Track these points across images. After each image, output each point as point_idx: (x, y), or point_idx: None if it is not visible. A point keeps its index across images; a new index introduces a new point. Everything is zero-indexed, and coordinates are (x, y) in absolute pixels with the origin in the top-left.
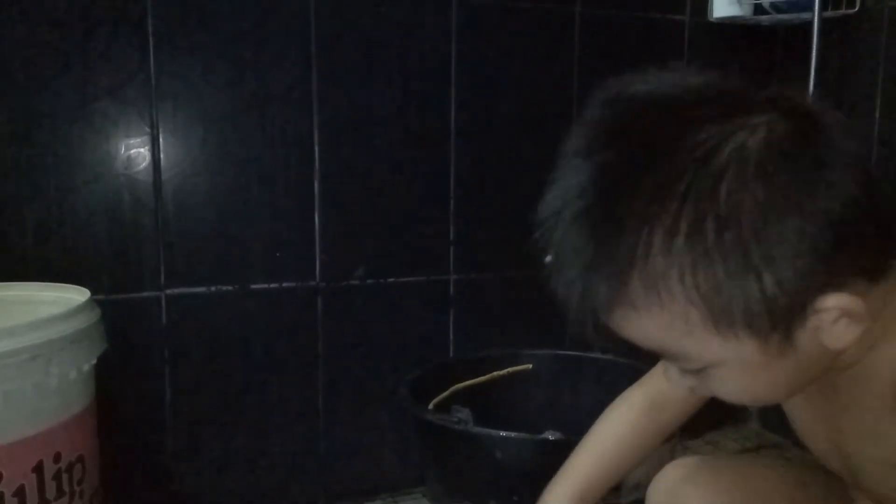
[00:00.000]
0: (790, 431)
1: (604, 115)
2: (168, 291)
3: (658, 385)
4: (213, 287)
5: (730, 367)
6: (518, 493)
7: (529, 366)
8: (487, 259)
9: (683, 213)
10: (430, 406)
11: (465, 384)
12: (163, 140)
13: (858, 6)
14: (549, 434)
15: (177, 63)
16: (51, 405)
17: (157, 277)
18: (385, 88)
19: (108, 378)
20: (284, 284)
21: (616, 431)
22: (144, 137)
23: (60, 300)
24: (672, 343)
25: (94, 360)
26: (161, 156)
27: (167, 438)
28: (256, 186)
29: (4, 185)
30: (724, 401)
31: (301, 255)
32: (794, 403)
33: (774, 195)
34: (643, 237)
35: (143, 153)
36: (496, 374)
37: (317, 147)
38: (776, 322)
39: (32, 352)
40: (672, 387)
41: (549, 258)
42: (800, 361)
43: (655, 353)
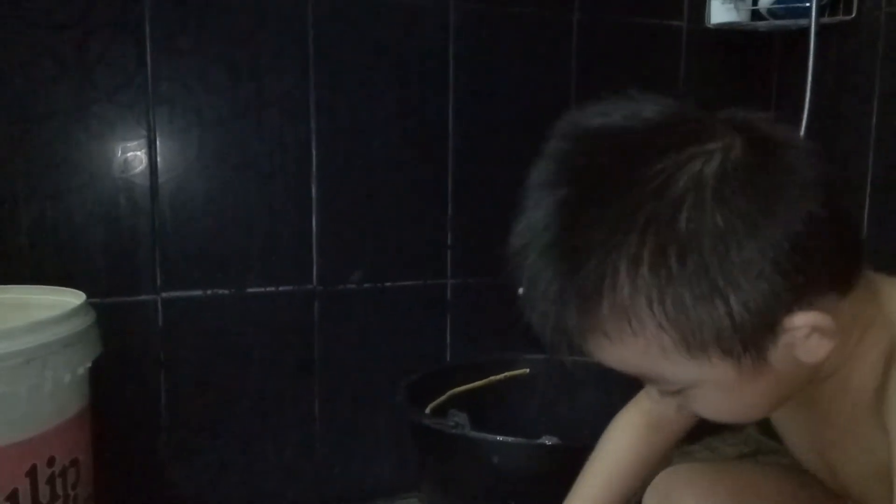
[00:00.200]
0: None
1: (563, 149)
2: (164, 295)
3: (653, 405)
4: (210, 290)
5: (707, 388)
6: (515, 498)
7: (526, 370)
8: (485, 263)
9: (646, 243)
10: (427, 410)
11: (462, 389)
12: (160, 143)
13: (855, 12)
14: (546, 439)
15: (174, 67)
16: (45, 409)
17: (154, 281)
18: (383, 93)
19: (104, 382)
20: (281, 288)
21: (619, 456)
22: (141, 141)
23: (56, 303)
24: (648, 368)
25: (89, 364)
26: (158, 159)
27: (162, 443)
28: (253, 190)
29: (1, 188)
30: (707, 419)
31: (298, 259)
32: (779, 417)
33: (733, 220)
34: (609, 268)
35: (140, 156)
36: (493, 379)
37: (314, 151)
38: (747, 343)
39: (27, 355)
40: (660, 405)
41: (521, 291)
42: (776, 378)
43: (635, 378)
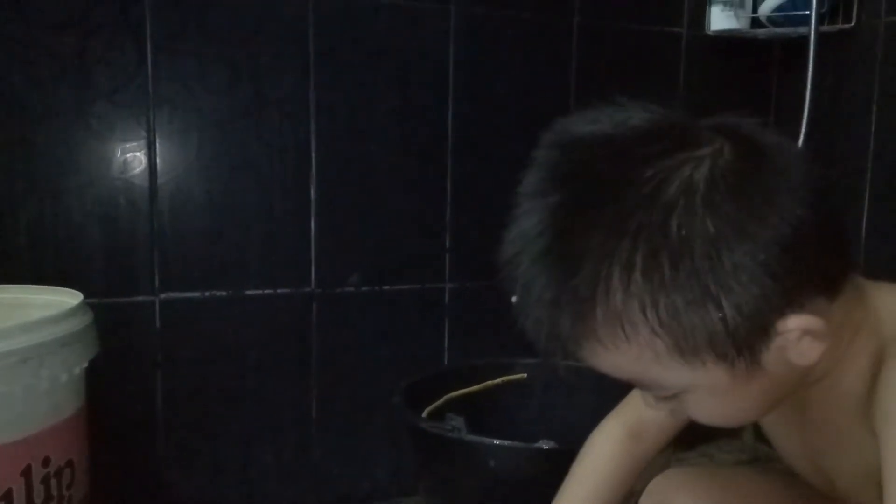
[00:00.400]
0: None
1: (553, 157)
2: (162, 296)
3: (634, 414)
4: (208, 292)
5: (702, 393)
6: (511, 502)
7: (524, 375)
8: (483, 267)
9: (637, 250)
10: (424, 414)
11: (459, 393)
12: (159, 144)
13: (854, 21)
14: (543, 443)
15: (174, 68)
16: (40, 409)
17: (152, 282)
18: (383, 95)
19: (101, 382)
20: (279, 290)
21: (600, 467)
22: (141, 141)
23: (53, 303)
24: (642, 373)
25: (86, 364)
26: (157, 160)
27: (159, 444)
28: (252, 192)
29: (0, 187)
30: (701, 423)
31: (296, 262)
32: (770, 421)
33: (724, 226)
34: (601, 274)
35: (140, 157)
36: (490, 383)
37: (313, 153)
38: (740, 347)
39: (23, 354)
40: (652, 411)
41: (515, 299)
42: (769, 381)
43: (629, 383)
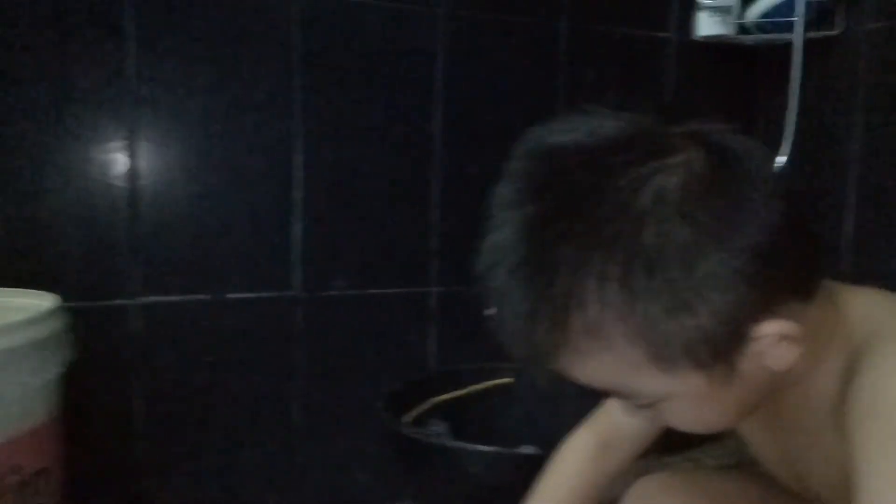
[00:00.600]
0: None
1: (526, 168)
2: (142, 300)
3: (607, 423)
4: (189, 296)
5: (679, 400)
6: None
7: (511, 379)
8: (470, 271)
9: (612, 260)
10: (408, 420)
11: (444, 398)
12: (140, 145)
13: (839, 28)
14: (525, 449)
15: (156, 68)
16: (12, 414)
17: (131, 285)
18: (369, 98)
19: (79, 387)
20: (262, 294)
21: (568, 476)
22: (122, 142)
23: (29, 306)
24: (619, 383)
25: (61, 369)
26: (139, 161)
27: (138, 451)
28: (235, 194)
29: None
30: (680, 430)
31: (280, 265)
32: (746, 426)
33: (697, 234)
34: (577, 285)
35: (121, 158)
36: (475, 388)
37: (298, 155)
38: (717, 354)
39: None
40: (626, 419)
41: (491, 311)
42: (746, 386)
43: (607, 393)
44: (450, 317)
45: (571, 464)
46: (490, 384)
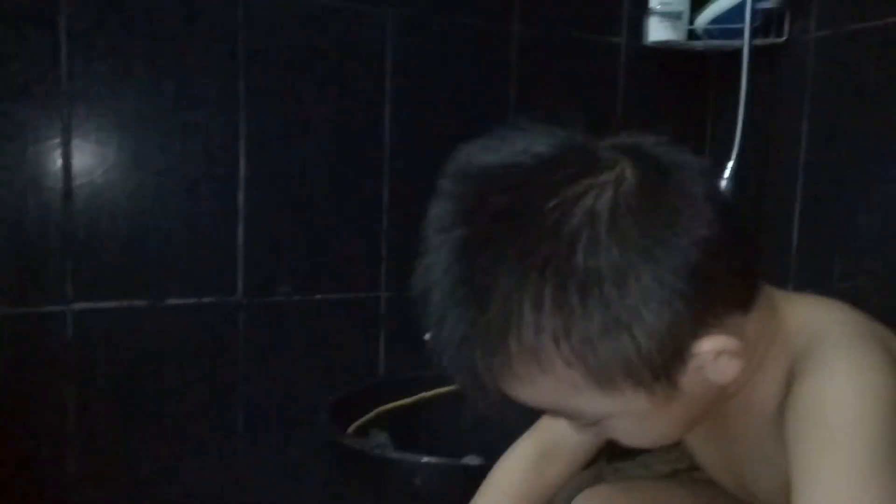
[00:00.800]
0: None
1: (456, 190)
2: (75, 306)
3: (549, 433)
4: (125, 302)
5: (622, 419)
6: None
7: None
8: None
9: (546, 283)
10: (352, 429)
11: (390, 406)
12: (75, 145)
13: (786, 36)
14: (470, 459)
15: (92, 64)
16: None
17: (64, 290)
18: (317, 98)
19: (6, 398)
20: (203, 299)
21: (508, 487)
22: (55, 141)
23: None
24: (561, 404)
25: None
26: (72, 161)
27: (70, 464)
28: (176, 195)
29: None
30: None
31: (222, 269)
32: (691, 436)
33: (629, 253)
34: (512, 310)
35: (53, 157)
36: (423, 396)
37: (242, 156)
38: (657, 372)
39: None
40: (571, 431)
41: (428, 335)
42: (690, 401)
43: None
44: (400, 323)
45: (512, 473)
46: (439, 391)
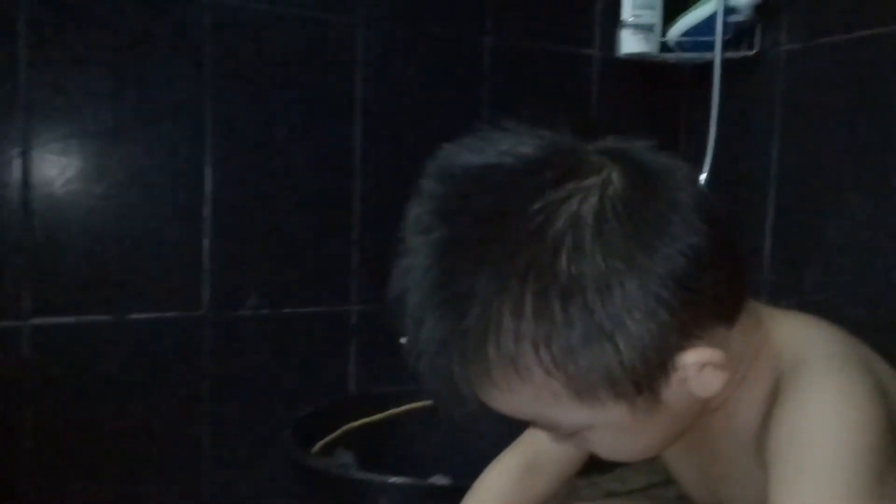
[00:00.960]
0: None
1: (437, 190)
2: (33, 321)
3: (533, 446)
4: (86, 317)
5: (603, 431)
6: None
7: (430, 402)
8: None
9: (527, 288)
10: (317, 448)
11: (357, 423)
12: (35, 155)
13: (757, 48)
14: (437, 479)
15: (52, 73)
16: None
17: (21, 305)
18: (285, 109)
19: None
20: (167, 314)
21: (492, 502)
22: (13, 151)
23: None
24: (540, 415)
25: None
26: (32, 171)
27: (26, 486)
28: (139, 207)
29: None
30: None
31: (186, 283)
32: (669, 452)
33: (614, 260)
34: (491, 315)
35: (11, 169)
36: (393, 412)
37: (208, 167)
38: (639, 384)
39: None
40: (553, 444)
41: (404, 340)
42: (671, 415)
43: (528, 423)
44: (372, 337)
45: (495, 487)
46: (408, 408)
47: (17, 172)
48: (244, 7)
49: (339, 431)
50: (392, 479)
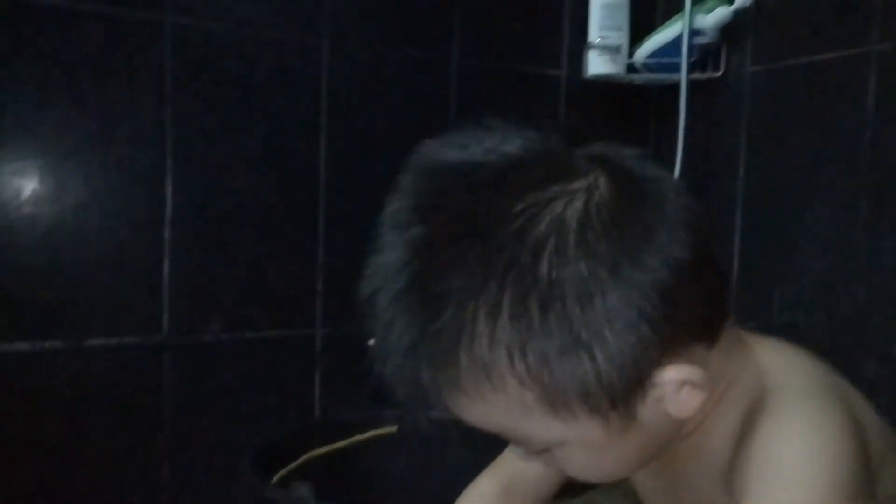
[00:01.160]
0: None
1: (418, 185)
2: None
3: (511, 469)
4: (41, 343)
5: (574, 447)
6: None
7: (394, 428)
8: (358, 312)
9: (505, 292)
10: (276, 479)
11: (319, 451)
12: None
13: (723, 69)
14: None
15: (8, 94)
16: None
17: None
18: (248, 129)
19: None
20: (126, 340)
21: None
22: None
23: None
24: (510, 427)
25: None
26: None
27: None
28: (98, 230)
29: None
30: (576, 479)
31: (146, 307)
32: (638, 478)
33: (597, 267)
34: (466, 318)
35: None
36: (357, 439)
37: (168, 189)
38: (615, 399)
39: None
40: (529, 465)
41: (372, 342)
42: (646, 434)
43: (499, 437)
44: (337, 361)
45: None
46: (375, 433)
47: None
48: (208, 29)
49: (301, 460)
50: None
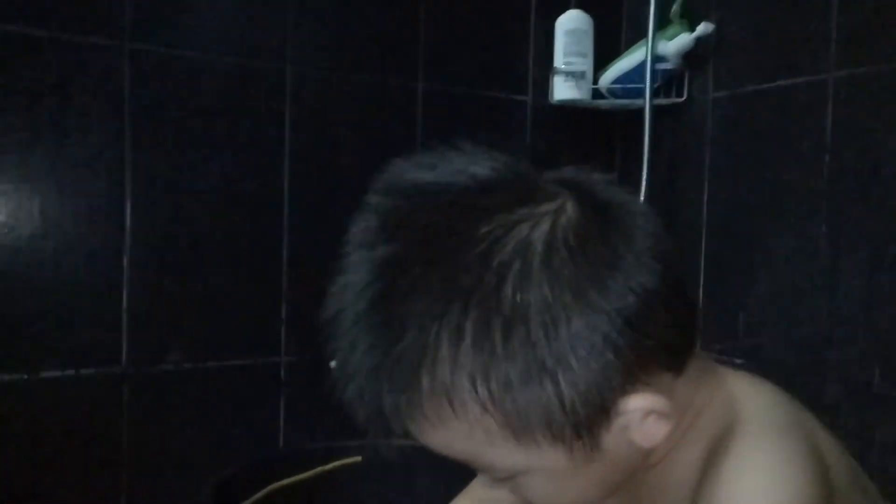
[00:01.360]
0: None
1: (384, 205)
2: None
3: (481, 497)
4: None
5: (538, 476)
6: None
7: (359, 458)
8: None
9: (468, 315)
10: None
11: (282, 483)
12: None
13: (686, 95)
14: None
15: None
16: None
17: None
18: (210, 157)
19: None
20: (83, 371)
21: None
22: None
23: None
24: (473, 454)
25: None
26: None
27: None
28: (54, 259)
29: None
30: None
31: (104, 337)
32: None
33: (562, 292)
34: (429, 341)
35: None
36: (321, 470)
37: (128, 216)
38: (579, 427)
39: None
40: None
41: (334, 363)
42: (611, 463)
43: (462, 464)
44: (302, 390)
45: None
46: (340, 463)
47: None
48: (169, 55)
49: (264, 492)
50: None
